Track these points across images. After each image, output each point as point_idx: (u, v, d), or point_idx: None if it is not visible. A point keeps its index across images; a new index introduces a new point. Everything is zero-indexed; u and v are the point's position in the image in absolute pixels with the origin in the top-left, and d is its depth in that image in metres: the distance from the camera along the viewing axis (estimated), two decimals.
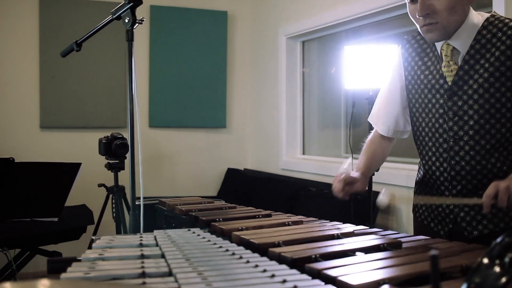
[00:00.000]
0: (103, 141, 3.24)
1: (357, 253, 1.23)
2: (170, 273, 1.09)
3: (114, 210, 3.26)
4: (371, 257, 1.16)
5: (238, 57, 5.36)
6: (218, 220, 1.68)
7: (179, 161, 5.18)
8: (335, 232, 1.46)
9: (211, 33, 5.16)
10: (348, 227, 1.56)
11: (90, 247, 1.36)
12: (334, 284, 0.96)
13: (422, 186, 1.88)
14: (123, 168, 3.26)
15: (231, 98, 5.35)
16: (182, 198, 2.29)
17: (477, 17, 1.69)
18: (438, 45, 1.75)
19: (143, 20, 1.82)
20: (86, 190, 3.93)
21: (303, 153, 4.83)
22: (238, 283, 0.99)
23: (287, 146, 4.82)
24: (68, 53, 2.02)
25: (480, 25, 1.68)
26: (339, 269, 1.05)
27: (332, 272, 1.02)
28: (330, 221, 1.74)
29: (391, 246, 1.27)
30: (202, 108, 5.17)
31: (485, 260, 0.75)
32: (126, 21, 1.80)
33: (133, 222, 1.90)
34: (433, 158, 1.80)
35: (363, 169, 1.92)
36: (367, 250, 1.26)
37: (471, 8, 1.70)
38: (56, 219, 2.90)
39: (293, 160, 4.73)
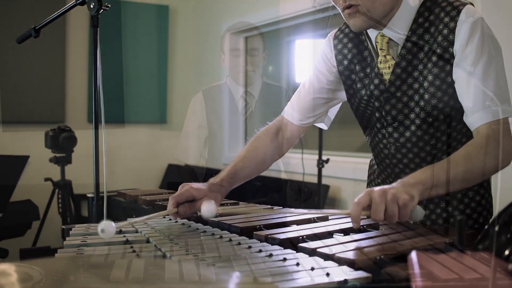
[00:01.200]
0: (50, 134, 3.13)
1: (339, 234, 1.26)
2: (164, 257, 1.08)
3: (60, 205, 3.16)
4: (356, 237, 1.20)
5: (180, 52, 5.32)
6: None
7: (119, 157, 5.07)
8: (310, 216, 1.49)
9: (152, 28, 5.09)
10: (320, 213, 1.60)
11: (67, 235, 1.33)
12: (333, 260, 0.99)
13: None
14: (70, 162, 3.17)
15: (172, 94, 5.30)
16: (141, 189, 2.26)
17: (414, 0, 1.43)
18: (373, 36, 1.48)
19: (108, 7, 1.79)
20: (29, 185, 3.78)
21: None
22: (240, 263, 0.99)
23: (230, 141, 4.82)
24: (24, 40, 1.95)
25: (416, 11, 1.42)
26: (332, 248, 1.07)
27: (326, 250, 1.05)
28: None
29: (370, 228, 1.32)
30: (142, 104, 5.10)
31: (492, 228, 0.80)
32: (92, 6, 1.76)
33: (97, 212, 1.87)
34: (376, 160, 1.64)
35: (225, 177, 1.59)
36: (347, 231, 1.30)
37: None
38: (0, 215, 2.78)
39: (236, 155, 4.73)
